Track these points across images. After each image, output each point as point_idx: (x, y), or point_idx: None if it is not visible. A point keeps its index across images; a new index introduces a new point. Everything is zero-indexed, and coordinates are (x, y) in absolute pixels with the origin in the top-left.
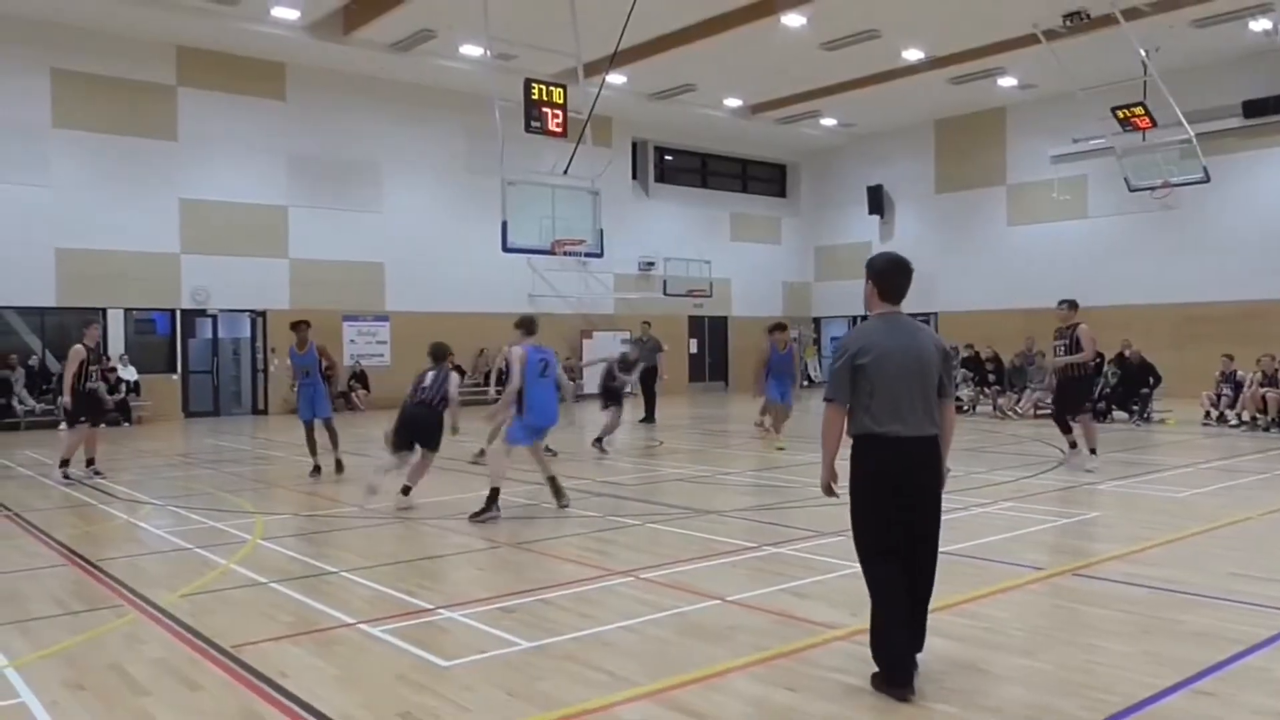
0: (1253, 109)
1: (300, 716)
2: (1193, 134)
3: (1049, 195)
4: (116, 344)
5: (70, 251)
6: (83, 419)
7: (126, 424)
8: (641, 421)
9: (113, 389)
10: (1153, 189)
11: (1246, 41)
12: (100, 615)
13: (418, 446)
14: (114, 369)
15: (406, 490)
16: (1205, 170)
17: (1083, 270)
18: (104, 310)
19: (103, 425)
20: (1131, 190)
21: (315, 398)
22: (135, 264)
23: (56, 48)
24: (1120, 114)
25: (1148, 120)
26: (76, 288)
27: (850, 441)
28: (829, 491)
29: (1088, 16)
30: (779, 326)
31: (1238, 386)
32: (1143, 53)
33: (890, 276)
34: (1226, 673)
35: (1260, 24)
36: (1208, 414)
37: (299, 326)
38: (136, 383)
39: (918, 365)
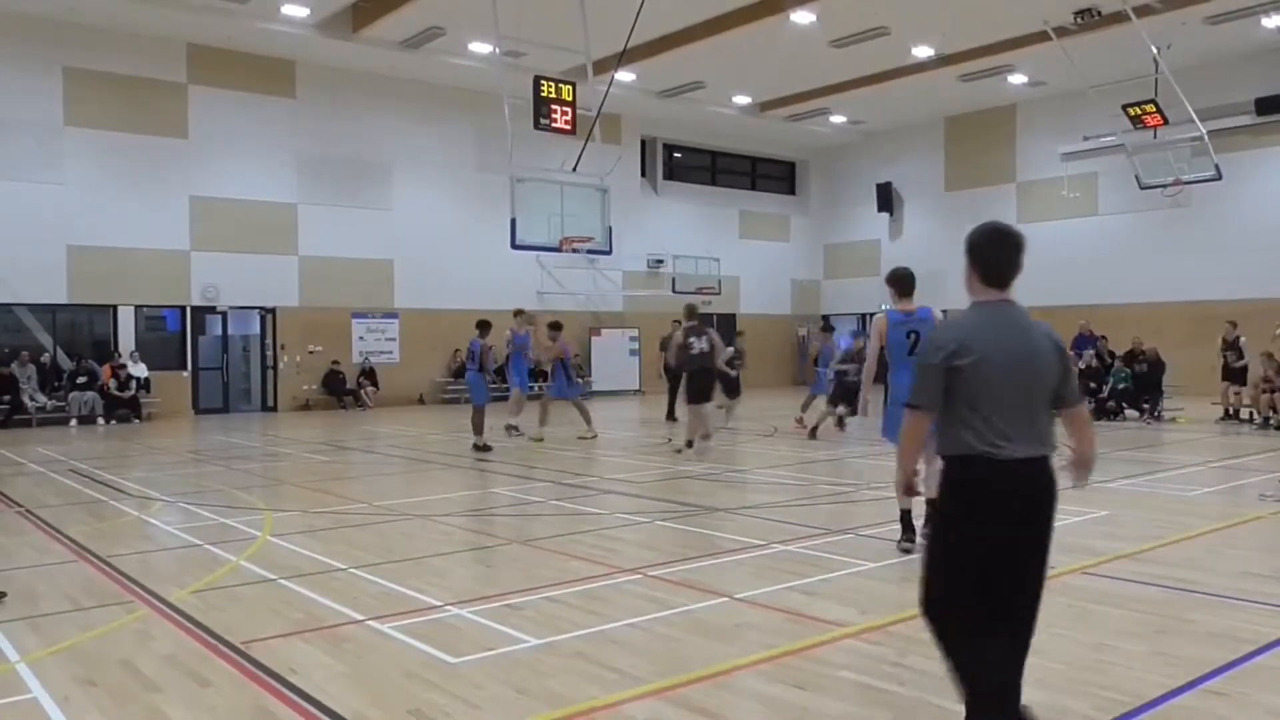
0: (1265, 106)
1: (310, 713)
2: (1204, 131)
3: (1059, 193)
4: (127, 340)
5: (82, 249)
6: None
7: (136, 420)
8: (667, 419)
9: (123, 385)
10: (1164, 186)
11: (1259, 38)
12: (111, 611)
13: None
14: (124, 365)
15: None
16: (1217, 168)
17: (1093, 268)
18: (115, 307)
19: None
20: (1142, 188)
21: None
22: (146, 261)
23: (68, 46)
24: (1131, 111)
25: (1159, 117)
26: (88, 285)
27: (940, 463)
28: (910, 490)
29: (1099, 13)
30: (829, 328)
31: (1240, 355)
32: (1154, 50)
33: (994, 253)
34: (1238, 672)
35: (1273, 20)
36: (1226, 412)
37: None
38: (147, 379)
39: (1031, 369)
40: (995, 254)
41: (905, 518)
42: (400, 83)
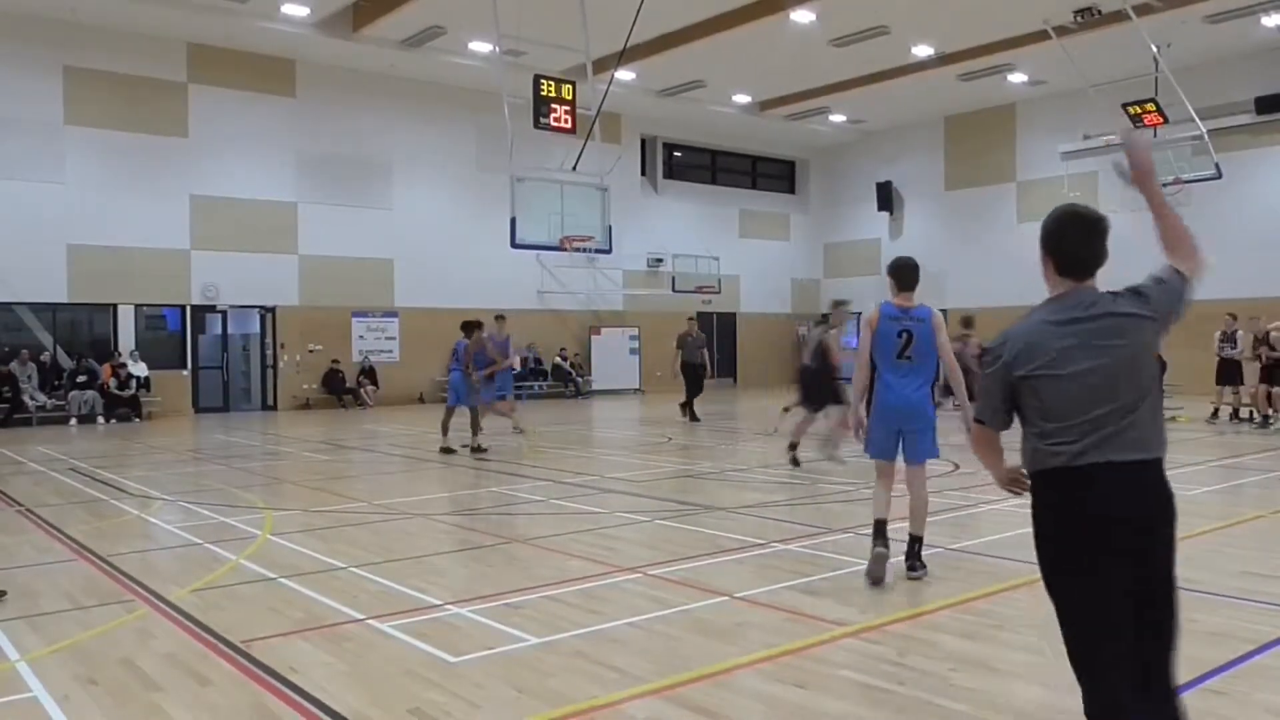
0: (1265, 105)
1: (310, 712)
2: (1204, 130)
3: (1059, 192)
4: (127, 340)
5: (82, 248)
6: None
7: (137, 419)
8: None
9: (123, 385)
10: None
11: (1259, 37)
12: (111, 610)
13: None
14: (124, 364)
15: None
16: (1217, 166)
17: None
18: (115, 306)
19: None
20: None
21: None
22: (146, 260)
23: (69, 46)
24: (1131, 110)
25: (1159, 117)
26: (88, 284)
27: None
28: (1014, 484)
29: (1099, 12)
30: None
31: (1235, 345)
32: (1154, 49)
33: (1067, 239)
34: (1238, 671)
35: (1273, 19)
36: (1215, 412)
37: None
38: (147, 378)
39: (1110, 361)
40: (1072, 239)
41: (879, 527)
42: (400, 82)
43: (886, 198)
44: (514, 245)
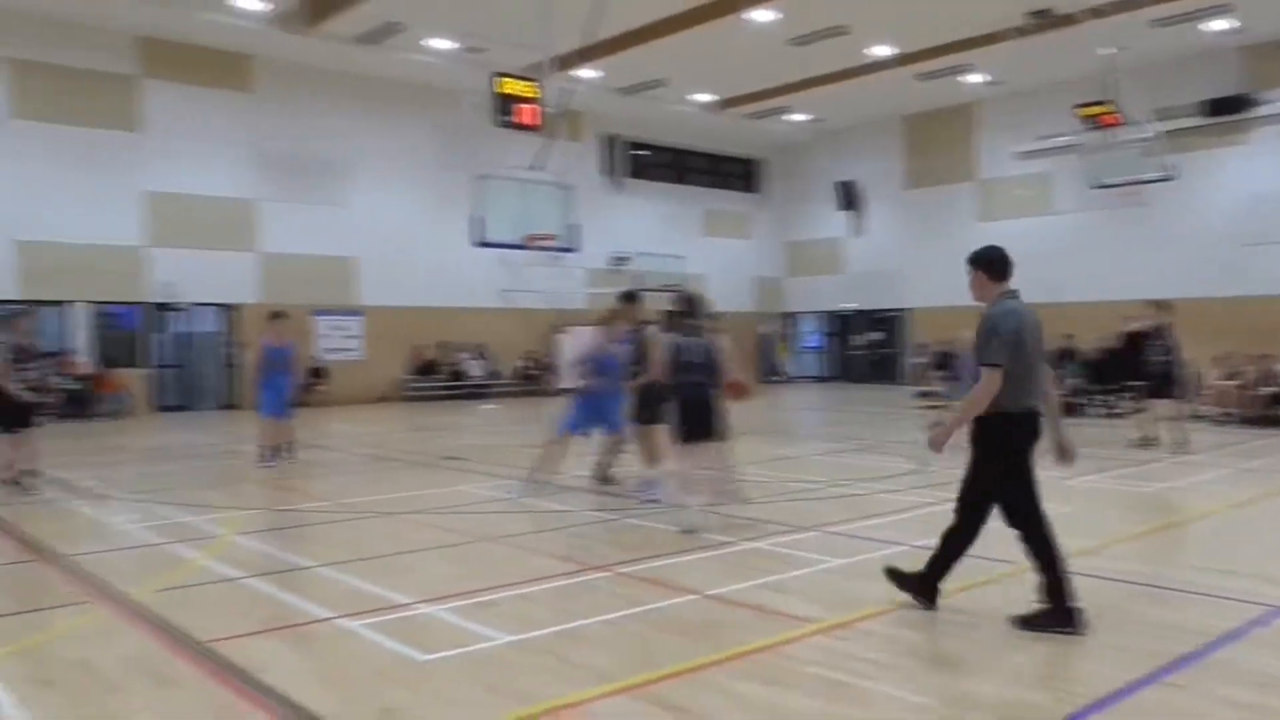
0: (1216, 107)
1: (279, 712)
2: (1156, 132)
3: (1014, 192)
4: (80, 338)
5: (32, 244)
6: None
7: (94, 419)
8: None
9: (79, 383)
10: (1116, 186)
11: (1207, 41)
12: (69, 611)
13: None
14: (74, 363)
15: None
16: (1170, 167)
17: (1048, 266)
18: (67, 304)
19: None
20: (1091, 188)
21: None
22: (99, 257)
23: (15, 37)
24: (1084, 112)
25: (1115, 118)
26: (39, 281)
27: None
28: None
29: (1052, 14)
30: None
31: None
32: (1105, 51)
33: (1000, 257)
34: (1196, 665)
35: (1218, 24)
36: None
37: (277, 317)
38: (95, 375)
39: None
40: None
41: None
42: (360, 79)
43: (847, 196)
44: (476, 243)
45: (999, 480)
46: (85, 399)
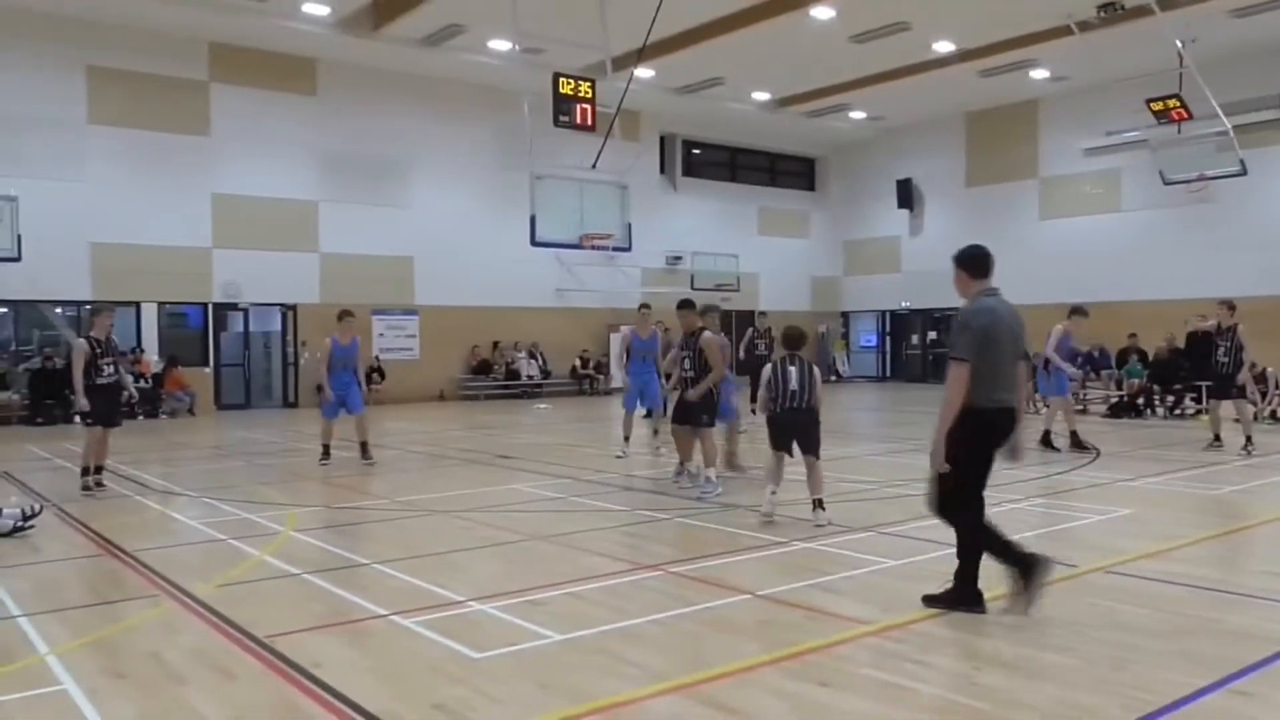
0: None
1: (335, 707)
2: (1230, 126)
3: (1082, 189)
4: (150, 338)
5: (105, 246)
6: (89, 420)
7: (163, 416)
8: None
9: (147, 382)
10: (1188, 182)
11: (1276, 32)
12: (137, 605)
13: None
14: (140, 361)
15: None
16: (1242, 163)
17: (1116, 265)
18: (139, 304)
19: (118, 426)
20: (1166, 184)
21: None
22: (168, 258)
23: (91, 45)
24: (1155, 106)
25: (1184, 112)
26: (111, 282)
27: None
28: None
29: (1122, 7)
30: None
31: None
32: (1179, 43)
33: (982, 255)
34: (1264, 672)
35: None
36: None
37: (345, 316)
38: (161, 374)
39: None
40: (983, 256)
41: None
42: (421, 80)
43: (906, 195)
44: (534, 243)
45: (966, 468)
46: (153, 397)
